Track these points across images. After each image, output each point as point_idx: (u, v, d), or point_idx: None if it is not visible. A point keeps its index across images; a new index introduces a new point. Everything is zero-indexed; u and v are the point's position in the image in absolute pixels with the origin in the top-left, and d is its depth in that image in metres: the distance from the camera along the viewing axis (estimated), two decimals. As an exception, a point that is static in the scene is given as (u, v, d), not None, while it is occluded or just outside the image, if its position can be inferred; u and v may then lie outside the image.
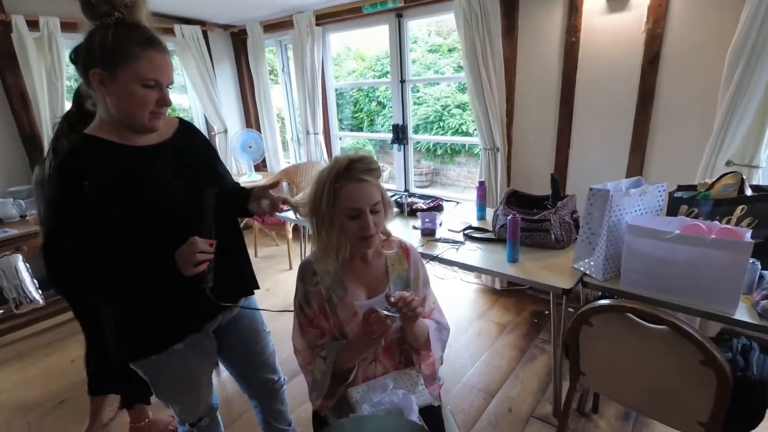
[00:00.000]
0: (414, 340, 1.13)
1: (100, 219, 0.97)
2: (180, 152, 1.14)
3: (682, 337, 1.04)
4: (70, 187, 0.95)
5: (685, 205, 1.58)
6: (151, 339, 1.13)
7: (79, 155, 0.99)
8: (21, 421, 1.99)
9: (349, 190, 1.03)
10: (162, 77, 1.01)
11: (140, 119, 1.01)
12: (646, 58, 2.09)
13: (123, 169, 1.02)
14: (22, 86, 2.82)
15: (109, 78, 0.96)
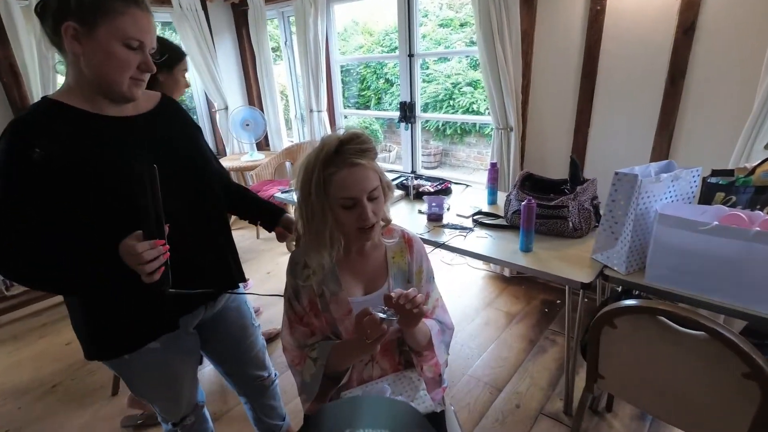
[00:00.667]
0: (415, 344, 1.00)
1: (51, 194, 0.84)
2: (158, 129, 1.02)
3: (724, 346, 0.91)
4: (17, 154, 0.82)
5: (722, 192, 1.42)
6: (121, 337, 1.01)
7: (35, 119, 0.86)
8: (12, 404, 1.94)
9: (341, 177, 0.88)
10: (146, 38, 0.89)
11: (119, 84, 0.89)
12: (680, 28, 1.89)
13: (88, 140, 0.89)
14: (11, 58, 2.69)
15: (86, 34, 0.84)
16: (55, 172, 0.84)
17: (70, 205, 0.86)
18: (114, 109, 0.94)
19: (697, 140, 1.99)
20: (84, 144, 0.88)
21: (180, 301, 1.04)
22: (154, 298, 0.99)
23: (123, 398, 1.94)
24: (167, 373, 1.12)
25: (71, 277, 0.88)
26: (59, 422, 1.83)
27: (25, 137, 0.83)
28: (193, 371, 1.22)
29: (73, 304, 1.01)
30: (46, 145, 0.83)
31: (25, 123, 0.85)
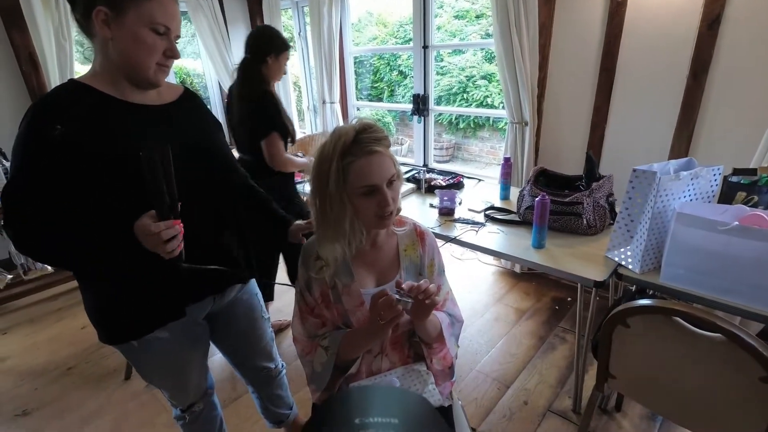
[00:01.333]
0: (425, 335, 1.00)
1: (67, 173, 0.85)
2: (178, 120, 1.03)
3: (741, 349, 0.89)
4: (37, 131, 0.83)
5: (743, 191, 1.38)
6: (129, 323, 1.02)
7: (58, 99, 0.88)
8: (29, 385, 1.99)
9: (360, 165, 0.88)
10: (173, 24, 0.91)
11: (145, 69, 0.91)
12: (704, 21, 1.83)
13: (109, 123, 0.90)
14: (30, 46, 2.72)
15: (115, 18, 0.85)
16: (72, 151, 0.85)
17: (85, 185, 0.87)
18: (138, 96, 0.96)
19: (718, 138, 1.94)
20: (105, 127, 0.89)
21: (187, 290, 1.05)
22: (162, 285, 1.00)
23: (135, 382, 1.98)
24: (174, 361, 1.13)
25: (82, 255, 0.90)
26: (74, 404, 1.87)
27: (46, 115, 0.84)
28: (202, 360, 1.23)
29: (85, 289, 1.02)
30: (67, 124, 0.84)
31: (48, 102, 0.87)
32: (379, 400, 0.37)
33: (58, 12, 2.69)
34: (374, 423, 0.33)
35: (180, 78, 4.55)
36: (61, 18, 2.71)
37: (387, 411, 0.35)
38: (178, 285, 1.02)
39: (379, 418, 0.34)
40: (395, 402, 0.38)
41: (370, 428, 0.32)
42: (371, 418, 0.33)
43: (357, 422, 0.33)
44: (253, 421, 1.74)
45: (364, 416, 0.34)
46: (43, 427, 1.76)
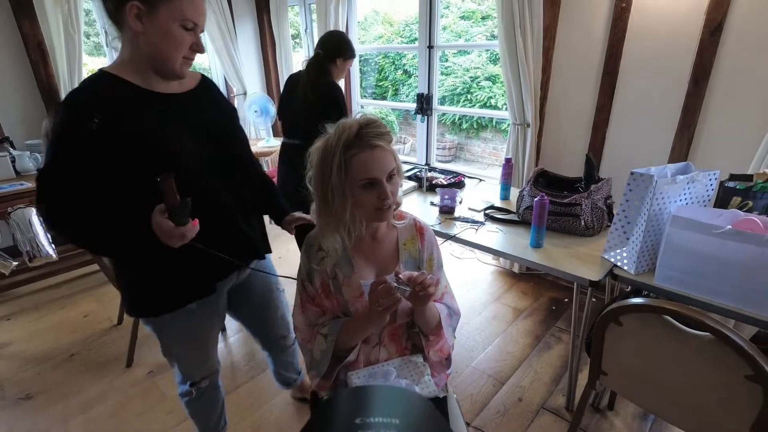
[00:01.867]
0: (425, 325, 1.03)
1: (102, 162, 0.92)
2: (198, 106, 1.09)
3: (729, 348, 0.91)
4: (79, 121, 0.90)
5: (739, 196, 1.41)
6: (162, 298, 1.09)
7: (92, 91, 0.94)
8: (32, 370, 2.02)
9: (362, 158, 0.91)
10: (201, 20, 0.97)
11: (173, 62, 0.96)
12: (706, 28, 1.85)
13: (136, 112, 0.96)
14: (39, 36, 2.75)
15: (148, 13, 0.90)
16: (107, 142, 0.91)
17: (115, 171, 0.94)
18: (161, 86, 1.01)
19: (717, 143, 1.96)
20: (136, 120, 0.95)
21: (216, 267, 1.14)
22: (193, 264, 1.07)
23: (136, 370, 2.02)
24: (199, 333, 1.23)
25: (108, 237, 0.96)
26: (76, 389, 1.90)
27: (84, 107, 0.91)
28: (217, 334, 1.34)
29: (121, 265, 1.10)
30: (103, 117, 0.90)
31: (85, 94, 0.94)
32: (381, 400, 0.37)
33: (67, 2, 2.72)
34: (375, 423, 0.33)
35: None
36: (70, 8, 2.74)
37: (388, 411, 0.35)
38: (208, 263, 1.09)
39: (380, 418, 0.33)
40: (397, 402, 0.37)
41: (371, 428, 0.32)
42: (372, 418, 0.33)
43: (358, 422, 0.33)
44: (252, 411, 1.77)
45: (365, 416, 0.34)
46: (46, 411, 1.79)
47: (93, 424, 1.72)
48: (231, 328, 2.31)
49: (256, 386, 1.91)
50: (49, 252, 2.32)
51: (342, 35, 2.22)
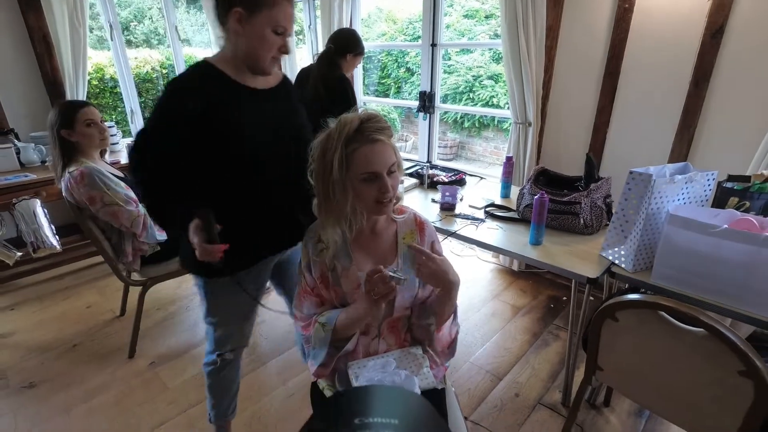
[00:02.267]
0: (441, 313, 1.07)
1: (194, 139, 1.07)
2: (274, 103, 1.23)
3: (722, 344, 0.93)
4: (179, 102, 1.06)
5: (736, 197, 1.43)
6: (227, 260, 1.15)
7: (193, 78, 1.10)
8: (35, 360, 2.05)
9: (363, 152, 0.93)
10: (289, 27, 1.11)
11: (263, 61, 1.11)
12: (707, 31, 1.87)
13: (228, 102, 1.11)
14: (44, 29, 2.77)
15: (247, 18, 1.05)
16: (201, 124, 1.06)
17: (199, 150, 1.08)
18: (251, 80, 1.16)
19: (716, 145, 1.98)
20: (224, 104, 1.10)
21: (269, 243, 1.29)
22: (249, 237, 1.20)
23: (139, 361, 2.04)
24: (242, 301, 1.32)
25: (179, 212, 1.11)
26: (79, 379, 1.93)
27: (186, 92, 1.07)
28: (257, 308, 1.41)
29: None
30: (201, 102, 1.05)
31: (188, 80, 1.10)
32: (381, 401, 0.37)
33: (73, -4, 2.73)
34: (374, 423, 0.33)
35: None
36: (75, 2, 2.75)
37: (387, 411, 0.35)
38: (262, 239, 1.25)
39: (379, 419, 0.34)
40: (396, 402, 0.38)
41: (370, 428, 0.32)
42: (371, 418, 0.34)
43: (357, 422, 0.33)
44: (252, 402, 1.80)
45: (365, 416, 0.34)
46: (49, 399, 1.82)
47: (95, 413, 1.75)
48: (232, 321, 2.33)
49: (257, 378, 1.93)
50: (53, 243, 2.34)
51: (353, 32, 2.35)
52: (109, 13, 3.20)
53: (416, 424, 0.35)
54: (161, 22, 5.39)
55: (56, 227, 2.38)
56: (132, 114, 3.49)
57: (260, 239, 1.25)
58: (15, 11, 2.70)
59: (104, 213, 1.80)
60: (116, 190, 1.80)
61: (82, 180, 1.74)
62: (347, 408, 0.36)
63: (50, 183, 2.46)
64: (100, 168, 1.82)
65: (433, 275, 1.00)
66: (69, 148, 1.83)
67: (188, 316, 2.38)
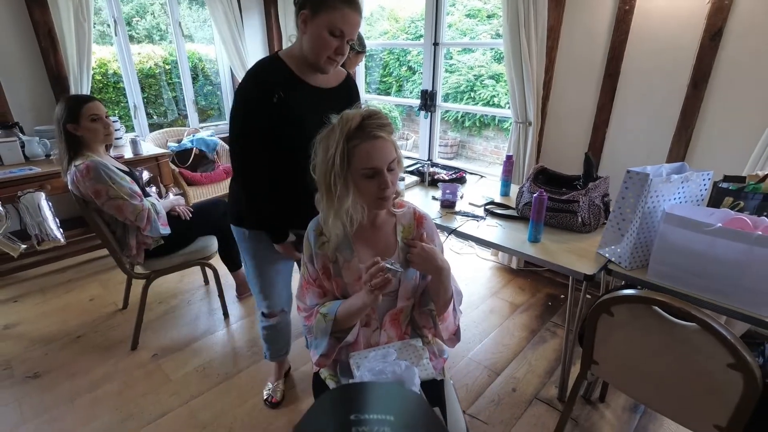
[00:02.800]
0: (438, 295, 1.11)
1: (273, 126, 1.24)
2: (332, 101, 1.30)
3: (713, 337, 0.96)
4: (268, 93, 1.22)
5: (731, 197, 1.45)
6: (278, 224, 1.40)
7: (275, 71, 1.26)
8: (39, 350, 2.08)
9: (364, 148, 0.96)
10: (347, 30, 1.20)
11: (319, 59, 1.23)
12: (706, 33, 1.89)
13: (294, 95, 1.26)
14: (50, 23, 2.79)
15: (311, 19, 1.18)
16: (280, 112, 1.23)
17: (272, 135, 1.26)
18: (311, 78, 1.31)
19: (714, 145, 2.01)
20: (292, 98, 1.25)
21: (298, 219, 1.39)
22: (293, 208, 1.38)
23: (141, 353, 2.07)
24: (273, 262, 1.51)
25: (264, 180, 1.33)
26: (82, 369, 1.96)
27: (267, 83, 1.23)
28: (286, 277, 1.61)
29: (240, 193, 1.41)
30: (280, 93, 1.22)
31: (267, 73, 1.25)
32: (377, 397, 0.38)
33: (79, -9, 2.75)
34: (370, 419, 0.33)
35: (192, 62, 4.60)
36: (81, -3, 2.77)
37: (383, 408, 0.35)
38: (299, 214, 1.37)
39: (375, 415, 0.34)
40: (392, 399, 0.38)
41: (366, 424, 0.33)
42: (367, 414, 0.34)
43: (353, 418, 0.33)
44: (253, 394, 1.83)
45: (360, 412, 0.34)
46: (53, 389, 1.85)
47: (99, 403, 1.78)
48: (233, 315, 2.36)
49: (258, 371, 1.96)
50: (57, 236, 2.37)
51: None
52: (113, 9, 3.22)
53: (412, 420, 0.35)
54: (163, 18, 5.40)
55: (60, 220, 2.41)
56: (135, 109, 3.51)
57: (294, 215, 1.39)
58: (20, 6, 2.72)
59: (109, 206, 1.82)
60: (121, 184, 1.83)
61: (87, 173, 1.76)
62: (343, 404, 0.36)
63: (54, 176, 2.49)
64: (105, 162, 1.84)
65: (422, 262, 1.05)
66: (74, 142, 1.85)
67: (190, 310, 2.41)
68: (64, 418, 1.70)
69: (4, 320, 2.30)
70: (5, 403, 1.77)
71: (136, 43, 4.83)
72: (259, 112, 1.23)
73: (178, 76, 3.90)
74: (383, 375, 1.00)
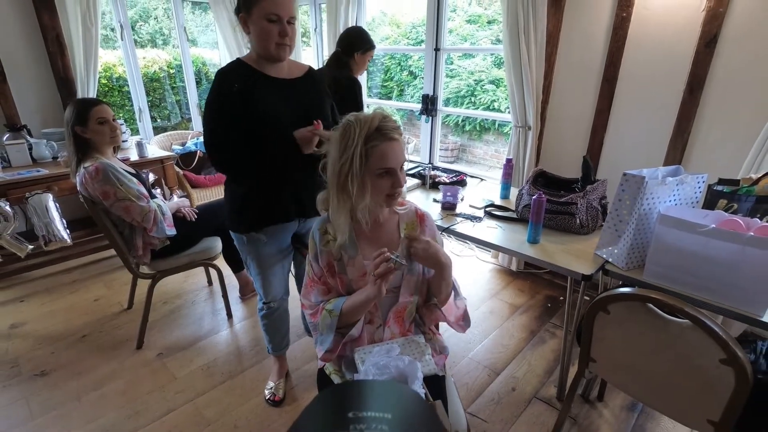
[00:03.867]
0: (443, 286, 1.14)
1: (236, 115, 1.34)
2: (299, 90, 1.46)
3: (705, 334, 1.00)
4: (227, 87, 1.34)
5: (725, 199, 1.49)
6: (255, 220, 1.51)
7: (233, 69, 1.38)
8: (46, 349, 2.11)
9: (382, 149, 1.01)
10: (281, 12, 1.28)
11: (268, 48, 1.32)
12: (702, 39, 1.94)
13: (252, 87, 1.36)
14: (58, 28, 2.84)
15: (248, 17, 1.30)
16: (240, 100, 1.33)
17: (239, 122, 1.35)
18: (271, 70, 1.40)
19: (710, 149, 2.05)
20: (252, 89, 1.36)
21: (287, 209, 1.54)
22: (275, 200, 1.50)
23: (146, 352, 2.10)
24: (268, 259, 1.61)
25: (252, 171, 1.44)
26: (88, 368, 1.99)
27: (228, 79, 1.35)
28: (284, 271, 1.71)
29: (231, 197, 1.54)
30: (238, 84, 1.33)
31: (228, 71, 1.37)
32: (375, 395, 0.38)
33: (87, -3, 2.81)
34: (368, 417, 0.33)
35: (196, 66, 4.66)
36: (89, 3, 2.82)
37: (381, 406, 0.36)
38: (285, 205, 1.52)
39: (372, 413, 0.34)
40: (390, 397, 0.38)
41: (364, 422, 0.33)
42: (365, 412, 0.34)
43: (351, 416, 0.33)
44: (257, 392, 1.86)
45: (358, 410, 0.34)
46: (60, 386, 1.88)
47: (105, 401, 1.81)
48: (237, 315, 2.40)
49: (261, 369, 1.99)
50: (64, 237, 2.41)
51: (358, 30, 2.41)
52: (119, 14, 3.27)
53: (410, 418, 0.35)
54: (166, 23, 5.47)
55: (66, 221, 2.45)
56: (140, 112, 3.56)
57: (278, 205, 1.51)
58: (29, 11, 2.77)
59: (117, 207, 1.86)
60: (129, 186, 1.87)
61: (96, 175, 1.80)
62: (341, 401, 0.36)
63: (62, 178, 2.53)
64: (113, 164, 1.88)
65: (426, 257, 1.09)
66: (83, 144, 1.89)
67: (194, 310, 2.44)
68: (71, 415, 1.73)
69: (11, 319, 2.34)
70: (14, 400, 1.80)
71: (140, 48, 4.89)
72: (221, 101, 1.35)
73: (182, 80, 3.95)
74: (387, 370, 1.04)
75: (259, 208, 1.50)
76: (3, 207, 2.24)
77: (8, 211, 2.26)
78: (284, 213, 1.54)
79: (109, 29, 4.17)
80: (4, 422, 1.69)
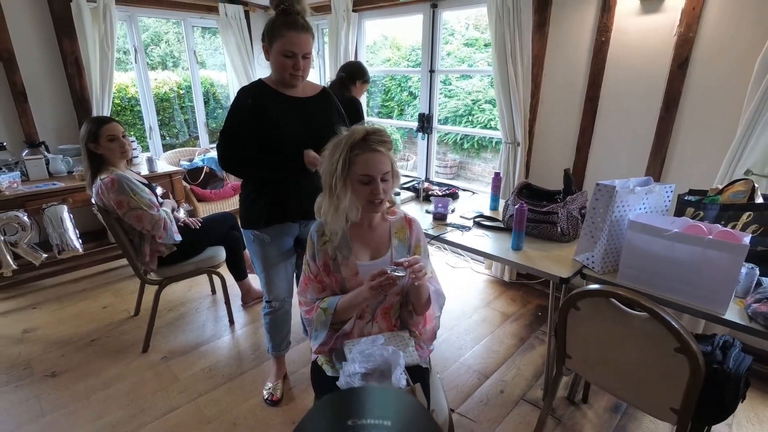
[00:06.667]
0: (417, 300, 1.23)
1: (249, 123, 1.55)
2: (311, 108, 1.66)
3: (660, 324, 1.10)
4: (243, 101, 1.56)
5: (692, 207, 1.60)
6: (265, 218, 1.67)
7: (253, 87, 1.61)
8: (56, 352, 2.21)
9: (363, 158, 1.13)
10: (297, 50, 1.49)
11: (284, 77, 1.55)
12: (675, 61, 2.08)
13: (268, 103, 1.57)
14: (77, 52, 3.04)
15: (269, 48, 1.52)
16: (255, 113, 1.54)
17: (250, 130, 1.56)
18: (288, 91, 1.61)
19: (687, 162, 2.17)
20: (267, 104, 1.56)
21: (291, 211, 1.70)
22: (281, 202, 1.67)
23: (152, 355, 2.20)
24: (272, 259, 1.74)
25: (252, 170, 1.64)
26: (96, 369, 2.09)
27: (245, 94, 1.58)
28: (288, 271, 1.83)
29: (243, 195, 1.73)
30: (253, 99, 1.56)
31: (247, 89, 1.60)
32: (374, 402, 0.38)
33: (105, 24, 3.01)
34: (367, 425, 0.33)
35: (205, 87, 4.88)
36: (107, 29, 3.03)
37: (381, 413, 0.36)
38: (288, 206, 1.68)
39: (372, 420, 0.34)
40: (390, 404, 0.38)
41: (362, 430, 0.33)
42: (364, 419, 0.34)
43: (350, 423, 0.33)
44: (256, 394, 1.94)
45: (357, 417, 0.34)
46: (69, 387, 1.97)
47: (111, 400, 1.90)
48: (239, 321, 2.50)
49: (261, 372, 2.08)
50: (77, 246, 2.54)
51: (360, 63, 2.85)
52: (134, 38, 3.48)
53: (409, 425, 0.35)
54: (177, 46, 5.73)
55: (80, 231, 2.58)
56: (150, 130, 3.74)
57: (281, 206, 1.66)
58: (51, 36, 2.98)
59: (129, 216, 1.99)
60: (141, 196, 2.00)
61: (112, 186, 1.94)
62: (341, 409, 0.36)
63: (77, 191, 2.68)
64: (128, 176, 2.03)
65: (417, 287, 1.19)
66: (96, 159, 2.04)
67: (198, 317, 2.55)
68: (79, 413, 1.83)
69: (24, 325, 2.45)
70: (27, 399, 1.90)
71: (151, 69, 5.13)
72: (238, 113, 1.56)
73: (191, 100, 4.14)
74: (372, 358, 1.14)
75: (264, 207, 1.66)
76: (21, 217, 2.38)
77: (26, 221, 2.40)
78: (286, 214, 1.69)
79: (122, 52, 4.41)
80: (18, 419, 1.79)
